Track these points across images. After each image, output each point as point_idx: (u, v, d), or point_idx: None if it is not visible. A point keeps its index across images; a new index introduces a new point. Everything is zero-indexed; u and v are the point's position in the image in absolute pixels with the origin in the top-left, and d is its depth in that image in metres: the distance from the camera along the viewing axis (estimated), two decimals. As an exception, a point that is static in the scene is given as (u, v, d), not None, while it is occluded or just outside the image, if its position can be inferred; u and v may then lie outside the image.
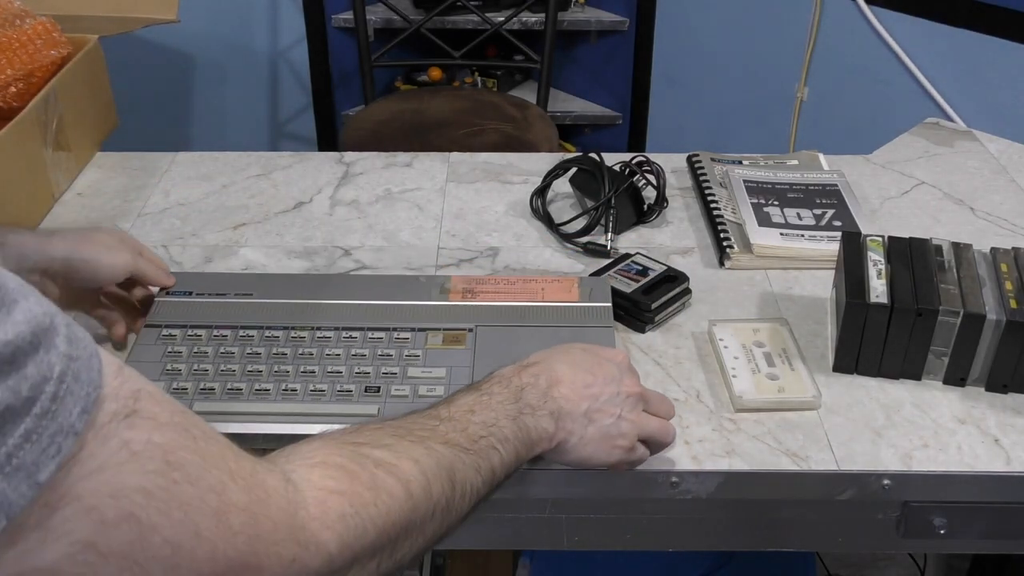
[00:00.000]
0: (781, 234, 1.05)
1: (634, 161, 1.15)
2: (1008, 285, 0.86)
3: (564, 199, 1.16)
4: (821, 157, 1.22)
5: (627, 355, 0.78)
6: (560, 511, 0.80)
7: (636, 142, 2.56)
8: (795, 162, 1.21)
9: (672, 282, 0.95)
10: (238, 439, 0.77)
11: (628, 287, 0.94)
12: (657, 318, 0.93)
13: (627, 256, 1.00)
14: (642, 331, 0.93)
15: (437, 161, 1.25)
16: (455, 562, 1.35)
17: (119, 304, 0.90)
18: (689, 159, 1.23)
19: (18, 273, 0.47)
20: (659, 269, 0.97)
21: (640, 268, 0.97)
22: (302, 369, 0.82)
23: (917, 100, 1.88)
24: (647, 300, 0.92)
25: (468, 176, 1.21)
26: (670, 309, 0.94)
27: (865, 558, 1.62)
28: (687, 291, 0.96)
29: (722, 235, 1.06)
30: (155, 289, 0.91)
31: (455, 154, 1.27)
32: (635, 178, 1.12)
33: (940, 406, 0.84)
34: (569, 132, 2.70)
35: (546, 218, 1.11)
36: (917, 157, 1.26)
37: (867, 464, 0.78)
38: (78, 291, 0.84)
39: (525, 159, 1.26)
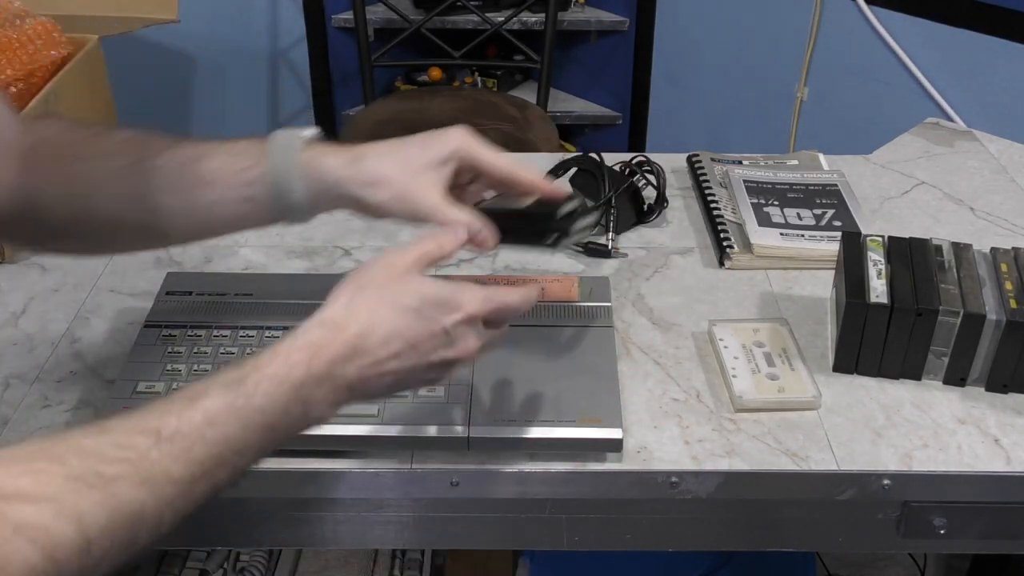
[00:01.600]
0: (781, 234, 1.05)
1: (634, 161, 1.15)
2: (1008, 285, 0.86)
3: (564, 199, 1.15)
4: (821, 157, 1.22)
5: (478, 308, 0.65)
6: (560, 511, 0.80)
7: (636, 142, 2.56)
8: (795, 162, 1.21)
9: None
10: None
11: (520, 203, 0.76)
12: (571, 228, 0.75)
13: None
14: (550, 247, 0.77)
15: (437, 161, 1.25)
16: (455, 562, 1.35)
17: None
18: (689, 159, 1.23)
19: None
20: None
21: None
22: (302, 369, 0.82)
23: (917, 100, 1.88)
24: (547, 211, 0.74)
25: (468, 176, 1.21)
26: (581, 224, 0.76)
27: (865, 558, 1.62)
28: (588, 208, 0.77)
29: (722, 235, 1.06)
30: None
31: (455, 154, 1.26)
32: (635, 178, 1.12)
33: (940, 406, 0.84)
34: (569, 132, 2.70)
35: (546, 218, 1.10)
36: (917, 157, 1.26)
37: (867, 464, 0.78)
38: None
39: (525, 159, 1.26)
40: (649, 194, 1.13)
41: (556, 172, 1.14)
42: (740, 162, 1.20)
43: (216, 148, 0.74)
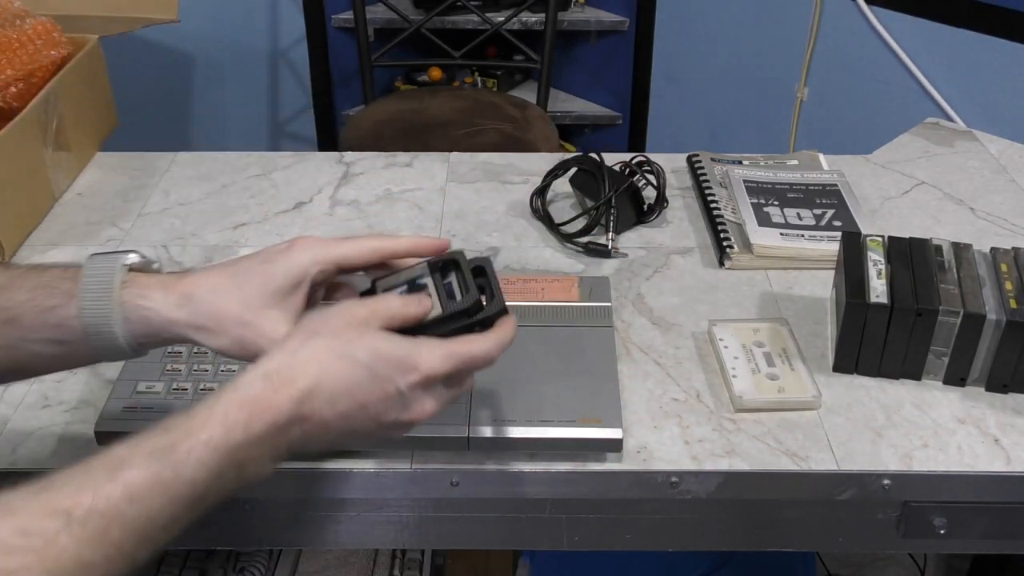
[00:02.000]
0: (781, 234, 1.05)
1: (634, 161, 1.15)
2: (1008, 285, 0.86)
3: (564, 199, 1.16)
4: (821, 157, 1.22)
5: (438, 367, 0.59)
6: (560, 511, 0.80)
7: (636, 142, 2.57)
8: (795, 162, 1.21)
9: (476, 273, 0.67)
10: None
11: (440, 309, 0.64)
12: (502, 299, 0.65)
13: (449, 266, 0.67)
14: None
15: (437, 161, 1.25)
16: (455, 562, 1.35)
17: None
18: (689, 159, 1.23)
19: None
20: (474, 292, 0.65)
21: (418, 283, 0.66)
22: (302, 369, 0.82)
23: (917, 100, 1.88)
24: (471, 304, 0.64)
25: (468, 176, 1.21)
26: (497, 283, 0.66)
27: (865, 558, 1.62)
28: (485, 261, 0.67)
29: (722, 235, 1.06)
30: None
31: (455, 154, 1.27)
32: (635, 178, 1.12)
33: (940, 406, 0.84)
34: (569, 132, 2.70)
35: (546, 218, 1.11)
36: (917, 157, 1.26)
37: (867, 464, 0.78)
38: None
39: (525, 159, 1.26)
40: (649, 194, 1.13)
41: (556, 172, 1.15)
42: (740, 162, 1.20)
43: (23, 278, 0.63)
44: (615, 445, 0.77)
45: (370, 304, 0.60)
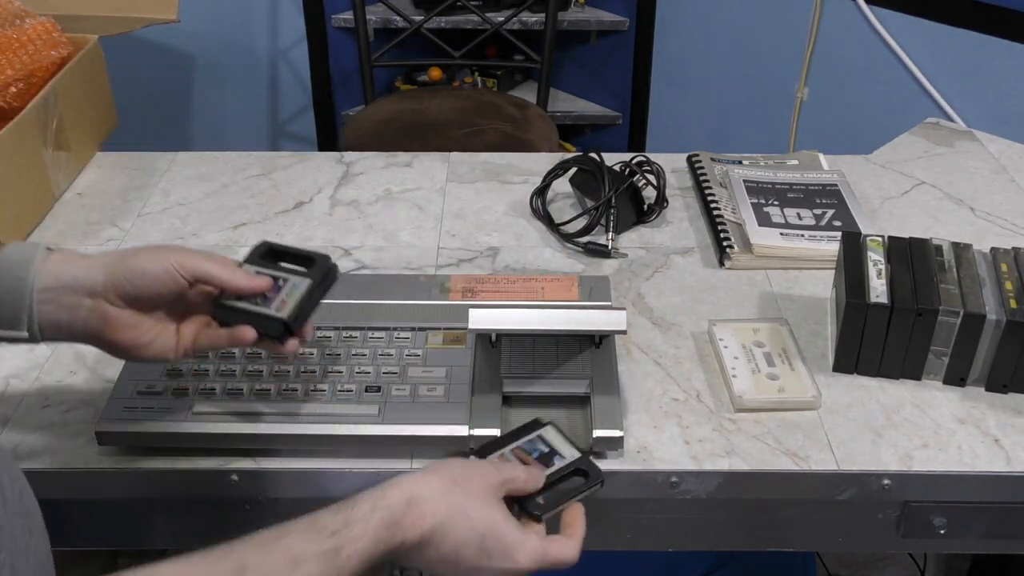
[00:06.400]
0: (781, 234, 1.05)
1: (634, 161, 1.15)
2: (1008, 285, 0.86)
3: (564, 199, 1.16)
4: (821, 157, 1.22)
5: (530, 565, 0.67)
6: (560, 511, 0.80)
7: (636, 142, 2.56)
8: (795, 162, 1.21)
9: (581, 477, 0.71)
10: (239, 439, 0.77)
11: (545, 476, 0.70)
12: (545, 516, 0.69)
13: (535, 426, 0.74)
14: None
15: (437, 161, 1.25)
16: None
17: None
18: (689, 159, 1.23)
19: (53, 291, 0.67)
20: (569, 457, 0.72)
21: (546, 450, 0.72)
22: (302, 369, 0.82)
23: (917, 100, 1.88)
24: (535, 500, 0.69)
25: (468, 176, 1.21)
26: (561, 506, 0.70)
27: (865, 558, 1.62)
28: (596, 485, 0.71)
29: (722, 235, 1.06)
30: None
31: (455, 154, 1.27)
32: (635, 178, 1.12)
33: (940, 406, 0.84)
34: (569, 132, 2.70)
35: (546, 218, 1.11)
36: (917, 157, 1.26)
37: (867, 464, 0.78)
38: (149, 302, 0.71)
39: (525, 159, 1.26)
40: (649, 194, 1.13)
41: (556, 172, 1.15)
42: (740, 162, 1.20)
43: None
44: (615, 445, 0.77)
45: (505, 473, 0.69)
